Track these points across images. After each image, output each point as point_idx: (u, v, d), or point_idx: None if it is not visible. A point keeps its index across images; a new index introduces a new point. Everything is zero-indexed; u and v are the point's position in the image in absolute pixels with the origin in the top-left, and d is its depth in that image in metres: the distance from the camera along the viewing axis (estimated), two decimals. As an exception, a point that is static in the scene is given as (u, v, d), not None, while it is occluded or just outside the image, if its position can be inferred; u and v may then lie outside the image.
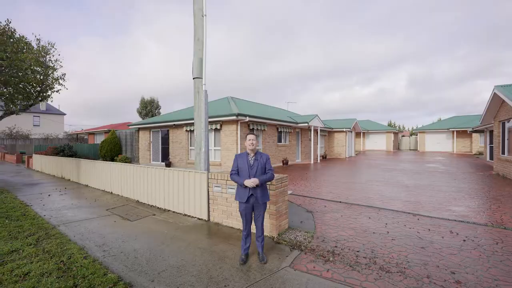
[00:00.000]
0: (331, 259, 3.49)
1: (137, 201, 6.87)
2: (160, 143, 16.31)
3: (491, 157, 15.78)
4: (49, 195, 7.79)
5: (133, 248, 3.87)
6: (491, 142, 15.99)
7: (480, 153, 22.53)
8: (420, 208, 5.88)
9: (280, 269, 3.26)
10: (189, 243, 4.06)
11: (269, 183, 4.22)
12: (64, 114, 44.11)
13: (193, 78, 5.70)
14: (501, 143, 10.85)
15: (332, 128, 22.69)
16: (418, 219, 5.08)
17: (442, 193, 7.45)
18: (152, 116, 38.54)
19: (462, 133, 26.53)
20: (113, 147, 18.49)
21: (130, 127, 18.18)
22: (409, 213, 5.50)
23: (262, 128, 14.21)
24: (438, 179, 10.04)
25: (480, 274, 3.06)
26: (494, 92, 10.11)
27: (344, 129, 22.43)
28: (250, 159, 3.49)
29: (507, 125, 10.19)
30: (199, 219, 5.30)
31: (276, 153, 15.58)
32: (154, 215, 5.66)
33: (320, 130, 20.93)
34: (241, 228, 4.67)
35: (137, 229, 4.76)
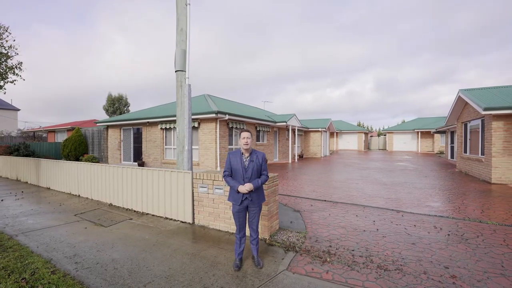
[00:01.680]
0: (328, 259, 3.38)
1: (110, 204, 6.26)
2: (132, 142, 15.31)
3: (452, 156, 17.15)
4: (2, 200, 6.83)
5: (111, 258, 3.43)
6: (451, 142, 17.37)
7: (441, 152, 24.47)
8: (402, 204, 6.07)
9: (278, 273, 3.07)
10: (175, 249, 3.71)
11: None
12: (18, 110, 39.81)
13: (176, 71, 5.31)
14: (463, 143, 11.77)
15: (308, 128, 23.11)
16: (402, 216, 5.21)
17: (418, 190, 7.82)
18: (121, 113, 36.36)
19: (426, 134, 28.62)
20: (78, 146, 17.00)
21: (97, 124, 16.85)
22: (392, 210, 5.64)
23: (241, 127, 13.97)
24: (411, 176, 10.60)
25: (471, 268, 3.15)
26: (459, 95, 10.92)
27: (320, 129, 22.97)
28: (244, 159, 3.24)
29: (469, 125, 11.07)
30: (183, 222, 4.94)
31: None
32: (131, 219, 5.17)
33: (297, 129, 21.20)
34: (230, 231, 4.42)
35: (113, 235, 4.28)
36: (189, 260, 3.39)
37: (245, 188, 3.08)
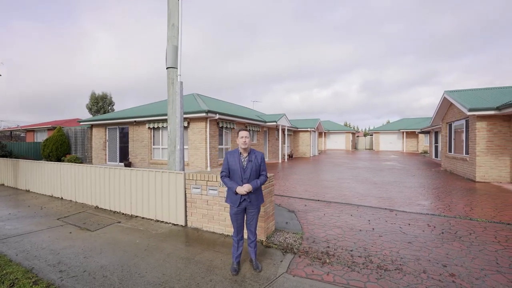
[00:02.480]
0: (327, 261, 3.32)
1: (96, 207, 5.96)
2: (118, 142, 14.79)
3: (436, 155, 17.71)
4: (-24, 204, 6.36)
5: (100, 265, 3.21)
6: (435, 142, 17.94)
7: (426, 152, 25.25)
8: (394, 203, 6.14)
9: (278, 276, 2.97)
10: (169, 254, 3.54)
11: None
12: (-6, 108, 37.69)
13: (167, 68, 5.11)
14: (448, 142, 12.15)
15: (298, 128, 23.22)
16: (396, 215, 5.25)
17: (408, 188, 7.96)
18: (105, 113, 35.21)
19: (410, 134, 29.47)
20: (60, 146, 16.24)
21: (81, 123, 16.17)
22: (385, 208, 5.67)
23: (232, 127, 13.81)
24: (399, 175, 10.81)
25: (468, 265, 3.17)
26: (444, 97, 11.25)
27: (309, 129, 23.14)
28: (242, 159, 3.11)
29: (453, 126, 11.43)
30: (175, 224, 4.75)
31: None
32: (119, 222, 4.92)
33: (287, 129, 21.24)
34: (225, 233, 4.28)
35: (101, 240, 4.04)
36: (184, 265, 3.23)
37: (244, 189, 2.96)
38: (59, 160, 16.01)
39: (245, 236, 3.83)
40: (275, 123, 17.20)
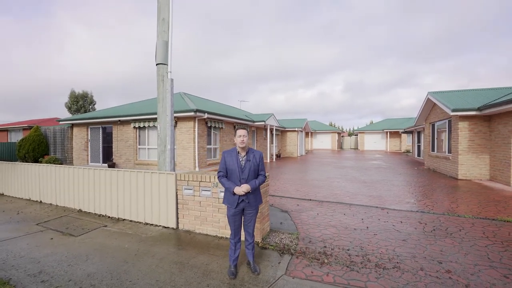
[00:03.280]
0: (326, 261, 3.28)
1: (80, 210, 5.63)
2: (101, 142, 14.18)
3: (419, 154, 18.34)
4: None
5: (86, 273, 2.99)
6: (418, 142, 18.57)
7: (408, 151, 26.12)
8: (384, 201, 6.23)
9: (277, 278, 2.88)
10: (161, 258, 3.36)
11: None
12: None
13: (157, 64, 4.90)
14: (431, 142, 12.58)
15: (285, 128, 23.32)
16: (387, 213, 5.31)
17: (396, 186, 8.14)
18: (85, 112, 33.84)
19: (394, 134, 30.40)
20: (37, 147, 15.38)
21: (60, 122, 15.38)
22: (377, 207, 5.74)
23: (220, 126, 13.61)
24: (386, 174, 11.06)
25: (462, 261, 3.23)
26: (428, 98, 11.64)
27: (296, 129, 23.30)
28: (241, 159, 3.00)
29: (436, 126, 11.85)
30: (165, 227, 4.55)
31: (234, 152, 15.11)
32: (105, 226, 4.65)
33: (275, 129, 21.27)
34: (218, 235, 4.15)
35: (86, 246, 3.79)
36: (178, 270, 3.07)
37: (242, 189, 2.85)
38: (36, 161, 15.16)
39: (242, 238, 3.73)
40: (263, 123, 17.15)
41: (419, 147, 18.32)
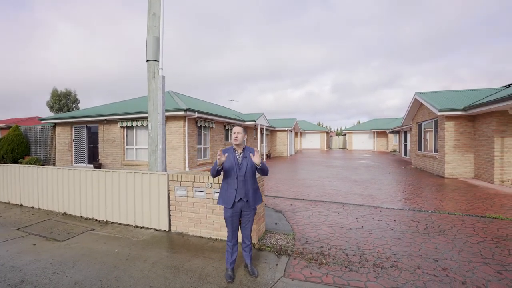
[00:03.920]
0: (324, 261, 3.23)
1: (64, 213, 5.35)
2: (86, 142, 13.66)
3: (405, 153, 18.80)
4: None
5: (74, 281, 2.81)
6: (405, 141, 19.04)
7: (395, 151, 26.76)
8: (376, 200, 6.29)
9: (276, 281, 2.81)
10: (154, 263, 3.22)
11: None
12: None
13: (147, 61, 4.72)
14: (418, 141, 12.90)
15: (275, 127, 23.34)
16: (380, 211, 5.36)
17: (386, 185, 8.26)
18: (68, 111, 32.61)
19: (381, 134, 31.07)
20: (17, 147, 14.64)
21: (42, 122, 14.70)
22: (370, 206, 5.78)
23: (210, 126, 13.43)
24: (375, 173, 11.24)
25: (457, 259, 3.27)
26: (415, 98, 11.92)
27: (286, 129, 23.36)
28: (237, 156, 2.92)
29: (423, 125, 12.16)
30: (157, 230, 4.39)
31: (224, 152, 14.95)
32: (93, 230, 4.43)
33: (265, 129, 21.25)
34: (213, 237, 4.04)
35: (73, 251, 3.58)
36: (173, 275, 2.94)
37: (256, 157, 2.74)
38: (16, 162, 14.43)
39: (238, 240, 3.63)
40: (253, 123, 17.07)
41: (405, 146, 18.79)
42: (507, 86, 10.54)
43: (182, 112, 10.70)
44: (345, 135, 39.14)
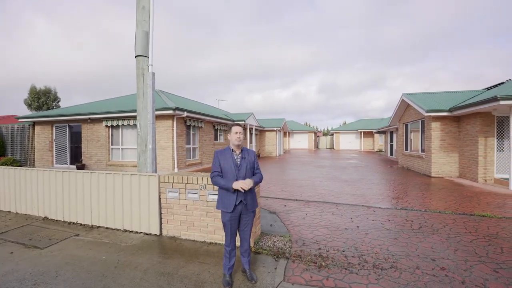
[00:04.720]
0: (323, 264, 3.16)
1: (45, 218, 5.01)
2: (68, 141, 13.04)
3: (391, 153, 19.25)
4: None
5: (57, 292, 2.58)
6: (391, 141, 19.49)
7: (381, 150, 27.39)
8: (369, 200, 6.32)
9: (276, 286, 2.70)
10: (145, 270, 3.02)
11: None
12: None
13: (136, 56, 4.49)
14: (404, 141, 13.21)
15: (264, 127, 23.29)
16: (374, 211, 5.37)
17: (376, 185, 8.36)
18: (48, 109, 31.16)
19: (367, 134, 31.74)
20: (-8, 147, 13.77)
21: (19, 120, 13.91)
22: (363, 206, 5.80)
23: (199, 125, 13.18)
24: (364, 173, 11.38)
25: (454, 258, 3.29)
26: (402, 99, 12.19)
27: (275, 128, 23.38)
28: (236, 157, 2.79)
29: (410, 126, 12.45)
30: (147, 234, 4.17)
31: (213, 151, 14.73)
32: (77, 235, 4.16)
33: (254, 129, 21.15)
34: (207, 241, 3.88)
35: (56, 260, 3.32)
36: (167, 282, 2.77)
37: (244, 184, 2.58)
38: (-10, 163, 13.55)
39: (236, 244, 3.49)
40: (243, 123, 16.92)
41: (391, 146, 19.24)
42: (488, 88, 10.97)
43: (170, 111, 10.41)
44: (332, 135, 39.70)
